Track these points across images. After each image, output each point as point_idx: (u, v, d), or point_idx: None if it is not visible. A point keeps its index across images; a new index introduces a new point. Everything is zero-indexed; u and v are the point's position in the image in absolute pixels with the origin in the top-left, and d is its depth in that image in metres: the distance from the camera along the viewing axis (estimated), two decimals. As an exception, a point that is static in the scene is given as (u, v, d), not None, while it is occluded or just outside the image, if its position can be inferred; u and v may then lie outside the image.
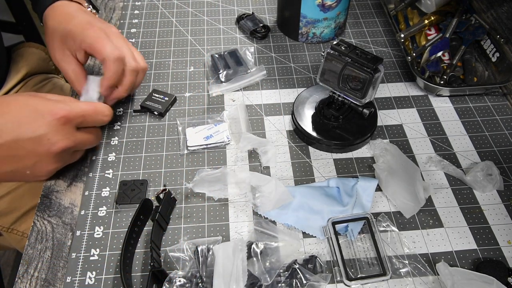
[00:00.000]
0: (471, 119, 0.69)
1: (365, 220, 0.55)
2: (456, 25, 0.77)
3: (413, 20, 0.83)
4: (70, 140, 0.53)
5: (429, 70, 0.74)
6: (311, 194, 0.58)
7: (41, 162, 0.52)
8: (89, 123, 0.56)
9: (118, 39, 0.61)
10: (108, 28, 0.62)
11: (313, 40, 0.82)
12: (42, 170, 0.54)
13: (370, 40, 0.83)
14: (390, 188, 0.59)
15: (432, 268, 0.53)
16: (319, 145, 0.65)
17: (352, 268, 0.52)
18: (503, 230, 0.56)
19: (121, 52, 0.60)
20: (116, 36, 0.61)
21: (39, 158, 0.52)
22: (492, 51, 0.74)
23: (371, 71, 0.57)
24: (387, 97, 0.72)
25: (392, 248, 0.54)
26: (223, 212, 0.58)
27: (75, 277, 0.53)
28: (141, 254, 0.54)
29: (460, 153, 0.64)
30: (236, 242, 0.52)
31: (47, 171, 0.55)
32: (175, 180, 0.62)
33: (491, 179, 0.59)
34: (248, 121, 0.69)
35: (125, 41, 0.62)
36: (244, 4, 0.91)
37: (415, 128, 0.68)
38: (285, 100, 0.72)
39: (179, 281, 0.50)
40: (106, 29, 0.61)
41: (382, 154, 0.62)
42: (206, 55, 0.79)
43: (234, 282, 0.49)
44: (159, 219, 0.55)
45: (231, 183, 0.59)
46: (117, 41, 0.61)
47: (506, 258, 0.54)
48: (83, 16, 0.63)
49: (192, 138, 0.65)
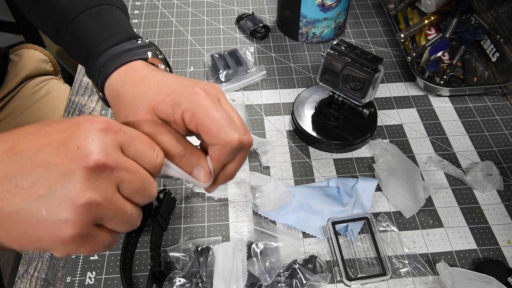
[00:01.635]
0: (471, 119, 0.69)
1: (365, 220, 0.55)
2: (456, 25, 0.77)
3: (413, 20, 0.83)
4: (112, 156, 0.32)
5: (429, 70, 0.74)
6: (311, 194, 0.58)
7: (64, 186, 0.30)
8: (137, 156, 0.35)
9: (227, 105, 0.42)
10: (210, 88, 0.41)
11: (313, 40, 0.82)
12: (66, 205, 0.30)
13: (370, 40, 0.83)
14: (390, 188, 0.59)
15: (432, 268, 0.53)
16: (319, 145, 0.65)
17: (352, 268, 0.52)
18: (503, 230, 0.56)
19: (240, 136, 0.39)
20: (225, 102, 0.42)
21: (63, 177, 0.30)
22: (492, 51, 0.74)
23: (371, 71, 0.58)
24: (387, 97, 0.72)
25: (392, 248, 0.54)
26: (223, 212, 0.58)
27: (75, 277, 0.53)
28: (141, 254, 0.54)
29: (460, 153, 0.64)
30: (236, 242, 0.52)
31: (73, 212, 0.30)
32: (175, 180, 0.62)
33: (491, 179, 0.59)
34: (248, 121, 0.69)
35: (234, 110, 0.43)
36: (244, 4, 0.91)
37: (415, 128, 0.68)
38: (285, 100, 0.72)
39: (179, 281, 0.50)
40: (211, 90, 0.41)
41: (382, 154, 0.62)
42: (206, 55, 0.79)
43: (234, 282, 0.49)
44: (159, 219, 0.55)
45: (231, 183, 0.59)
46: (229, 108, 0.41)
47: (506, 258, 0.54)
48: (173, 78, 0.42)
49: (193, 138, 0.65)
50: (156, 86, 0.41)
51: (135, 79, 0.43)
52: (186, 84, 0.40)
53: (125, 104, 0.42)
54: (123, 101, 0.42)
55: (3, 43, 1.00)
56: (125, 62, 0.44)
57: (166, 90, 0.40)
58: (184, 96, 0.39)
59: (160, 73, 0.43)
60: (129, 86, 0.42)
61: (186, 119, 0.39)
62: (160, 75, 0.42)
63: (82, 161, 0.30)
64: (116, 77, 0.44)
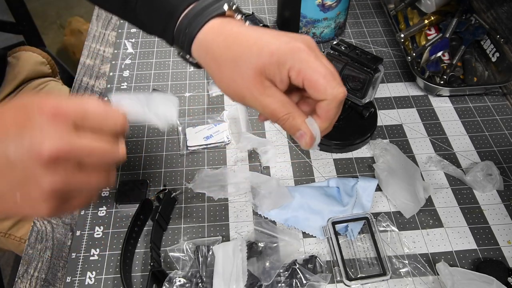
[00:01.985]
0: (471, 119, 0.69)
1: (365, 220, 0.55)
2: (456, 25, 0.77)
3: (413, 20, 0.83)
4: (64, 142, 0.33)
5: (429, 70, 0.74)
6: (311, 194, 0.58)
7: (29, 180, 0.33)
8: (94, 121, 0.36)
9: (324, 58, 0.43)
10: (309, 42, 0.43)
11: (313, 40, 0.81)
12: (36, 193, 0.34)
13: (370, 40, 0.83)
14: (390, 188, 0.59)
15: (432, 268, 0.53)
16: (319, 145, 0.65)
17: (352, 268, 0.52)
18: (503, 230, 0.56)
19: (344, 89, 0.42)
20: (322, 55, 0.43)
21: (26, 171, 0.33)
22: (492, 51, 0.74)
23: (371, 71, 0.58)
24: (387, 97, 0.72)
25: (392, 248, 0.54)
26: (223, 212, 0.58)
27: (75, 277, 0.53)
28: (141, 254, 0.54)
29: (460, 153, 0.64)
30: (236, 242, 0.52)
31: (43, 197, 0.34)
32: (175, 180, 0.62)
33: (491, 179, 0.59)
34: (248, 121, 0.69)
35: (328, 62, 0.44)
36: (244, 4, 0.91)
37: (415, 128, 0.68)
38: (285, 100, 0.72)
39: (179, 281, 0.50)
40: (311, 44, 0.42)
41: (382, 154, 0.62)
42: (206, 55, 0.79)
43: (234, 282, 0.49)
44: (159, 219, 0.55)
45: (231, 183, 0.59)
46: (327, 62, 0.43)
47: (506, 258, 0.54)
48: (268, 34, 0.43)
49: (192, 138, 0.65)
50: (255, 46, 0.41)
51: (228, 39, 0.43)
52: (285, 41, 0.41)
53: (227, 66, 0.42)
54: (224, 63, 0.43)
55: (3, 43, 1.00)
56: (207, 21, 0.44)
57: (267, 49, 0.41)
58: (288, 55, 0.40)
59: (251, 30, 0.43)
60: (224, 48, 0.43)
61: (292, 76, 0.41)
62: (252, 31, 0.43)
63: (36, 158, 0.32)
64: (204, 38, 0.44)
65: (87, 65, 0.79)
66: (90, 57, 0.81)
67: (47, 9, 2.19)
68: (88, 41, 0.84)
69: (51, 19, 2.14)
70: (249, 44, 0.42)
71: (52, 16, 2.15)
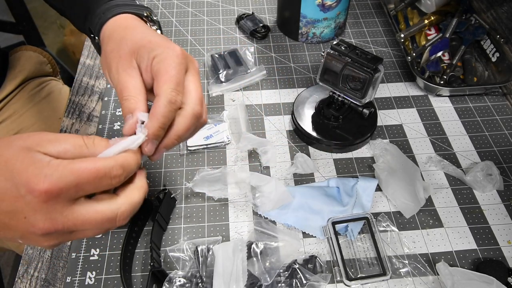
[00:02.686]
0: (471, 119, 0.69)
1: (365, 220, 0.55)
2: (456, 25, 0.77)
3: (413, 20, 0.83)
4: (55, 222, 0.36)
5: (429, 70, 0.74)
6: (311, 194, 0.58)
7: (28, 239, 0.38)
8: (90, 190, 0.38)
9: (191, 76, 0.46)
10: (190, 57, 0.47)
11: (313, 40, 0.82)
12: (37, 244, 0.39)
13: (370, 40, 0.83)
14: (390, 188, 0.59)
15: (432, 268, 0.53)
16: (319, 145, 0.65)
17: (352, 268, 0.52)
18: (503, 230, 0.56)
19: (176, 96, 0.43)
20: (193, 73, 0.46)
21: (23, 234, 0.37)
22: (492, 51, 0.74)
23: (371, 71, 0.58)
24: (387, 97, 0.72)
25: (392, 248, 0.54)
26: (223, 212, 0.58)
27: (75, 277, 0.53)
28: (141, 254, 0.54)
29: (460, 153, 0.64)
30: (236, 242, 0.52)
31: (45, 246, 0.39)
32: (175, 180, 0.62)
33: (491, 179, 0.59)
34: (248, 121, 0.69)
35: (200, 85, 0.47)
36: (244, 4, 0.91)
37: (415, 128, 0.68)
38: (285, 100, 0.72)
39: (179, 281, 0.50)
40: (189, 57, 0.46)
41: (382, 154, 0.62)
42: (206, 55, 0.79)
43: (234, 282, 0.49)
44: (159, 219, 0.55)
45: (231, 183, 0.59)
46: (194, 79, 0.46)
47: (506, 258, 0.54)
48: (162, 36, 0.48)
49: (192, 138, 0.65)
50: (142, 34, 0.47)
51: (129, 25, 0.49)
52: (168, 42, 0.45)
53: (115, 42, 0.47)
54: (113, 39, 0.48)
55: (3, 43, 1.00)
56: (123, 12, 0.50)
57: (150, 38, 0.46)
58: (161, 47, 0.44)
59: (152, 30, 0.49)
60: (120, 28, 0.49)
61: (153, 64, 0.44)
62: (151, 31, 0.48)
63: (32, 231, 0.36)
64: (113, 22, 0.50)
65: (87, 65, 0.79)
66: (90, 57, 0.81)
67: (47, 9, 2.18)
68: (88, 41, 0.84)
69: (51, 19, 2.14)
70: (140, 31, 0.47)
71: (52, 16, 2.14)
